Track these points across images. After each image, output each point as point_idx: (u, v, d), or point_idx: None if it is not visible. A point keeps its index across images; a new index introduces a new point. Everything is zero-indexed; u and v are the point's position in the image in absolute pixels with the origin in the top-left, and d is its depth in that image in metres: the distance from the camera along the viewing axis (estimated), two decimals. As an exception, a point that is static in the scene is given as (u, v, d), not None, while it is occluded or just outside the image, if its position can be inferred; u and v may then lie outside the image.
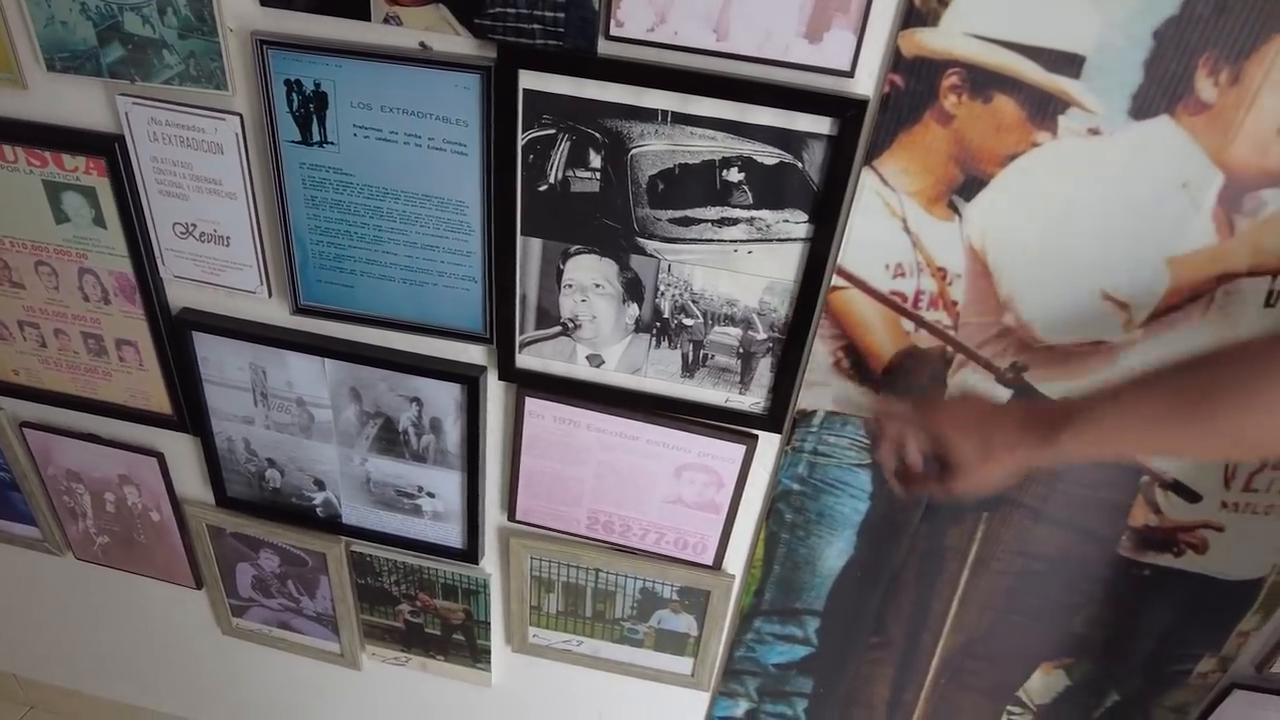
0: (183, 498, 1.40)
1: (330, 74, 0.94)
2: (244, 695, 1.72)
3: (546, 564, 1.27)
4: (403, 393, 1.15)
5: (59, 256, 1.17)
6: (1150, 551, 1.07)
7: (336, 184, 1.01)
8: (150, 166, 1.06)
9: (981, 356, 0.97)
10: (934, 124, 0.85)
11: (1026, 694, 1.25)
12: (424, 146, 0.96)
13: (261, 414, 1.23)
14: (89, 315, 1.22)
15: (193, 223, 1.10)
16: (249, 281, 1.12)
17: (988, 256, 0.91)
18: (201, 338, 1.18)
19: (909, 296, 0.95)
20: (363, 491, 1.27)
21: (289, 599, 1.47)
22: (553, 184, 0.95)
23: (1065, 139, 0.83)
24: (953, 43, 0.81)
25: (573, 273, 1.01)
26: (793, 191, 0.90)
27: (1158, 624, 1.14)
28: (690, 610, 1.27)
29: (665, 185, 0.92)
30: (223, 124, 1.01)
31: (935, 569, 1.15)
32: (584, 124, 0.91)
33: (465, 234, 1.01)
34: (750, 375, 1.03)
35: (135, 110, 1.02)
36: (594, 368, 1.07)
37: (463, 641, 1.42)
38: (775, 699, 1.35)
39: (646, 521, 1.19)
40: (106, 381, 1.29)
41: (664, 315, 1.01)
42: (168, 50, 0.97)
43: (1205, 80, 0.78)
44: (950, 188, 0.88)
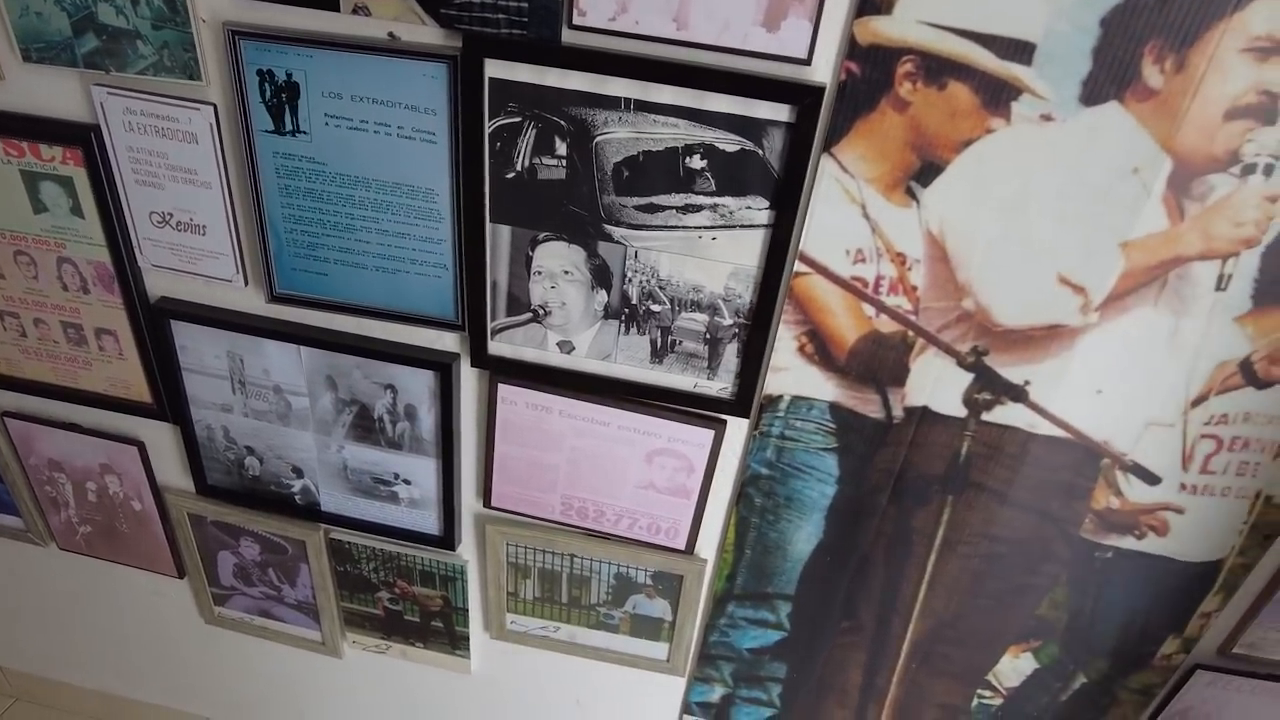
0: (164, 486, 1.41)
1: (301, 64, 0.95)
2: (227, 684, 1.73)
3: (522, 550, 1.29)
4: (377, 380, 1.16)
5: (38, 246, 1.19)
6: (1112, 534, 1.09)
7: (309, 173, 1.02)
8: (126, 156, 1.07)
9: (942, 341, 0.99)
10: (890, 111, 0.87)
11: (996, 677, 1.27)
12: (394, 135, 0.98)
13: (240, 402, 1.25)
14: (68, 305, 1.24)
15: (169, 212, 1.11)
16: (225, 270, 1.14)
17: (946, 242, 0.93)
18: (180, 326, 1.19)
19: (869, 282, 0.97)
20: (340, 479, 1.28)
21: (270, 587, 1.49)
22: (520, 171, 0.97)
23: (1019, 125, 0.85)
24: (907, 30, 0.83)
25: (542, 259, 1.03)
26: (754, 178, 0.92)
27: (1122, 606, 1.15)
28: (664, 595, 1.29)
29: (630, 172, 0.94)
30: (197, 114, 1.02)
31: (903, 552, 1.17)
32: (549, 112, 0.92)
33: (436, 221, 1.03)
34: (718, 361, 1.05)
35: (111, 100, 1.03)
36: (565, 354, 1.09)
37: (441, 629, 1.44)
38: (750, 684, 1.36)
39: (619, 507, 1.20)
40: (87, 371, 1.30)
41: (632, 301, 1.03)
42: (141, 41, 0.98)
43: (1152, 67, 0.80)
44: (907, 174, 0.90)
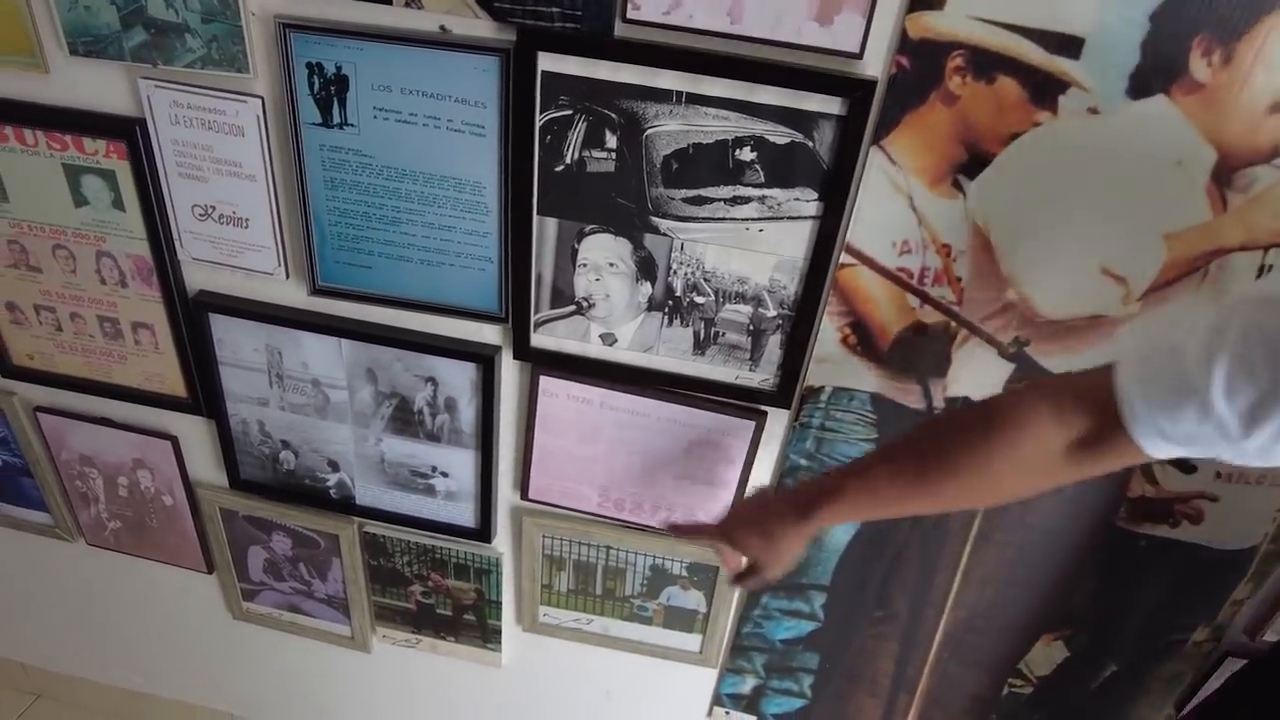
0: (196, 481, 1.42)
1: (352, 57, 0.96)
2: (252, 680, 1.73)
3: (558, 542, 1.30)
4: (418, 373, 1.17)
5: (77, 240, 1.19)
6: (1147, 522, 1.11)
7: (356, 165, 1.03)
8: (171, 149, 1.08)
9: (985, 331, 1.00)
10: (939, 104, 0.88)
11: (1027, 666, 1.28)
12: (442, 128, 0.99)
13: (276, 395, 1.25)
14: (106, 299, 1.24)
15: (212, 205, 1.12)
16: (267, 263, 1.14)
17: (990, 233, 0.95)
18: (218, 320, 1.20)
19: (914, 273, 0.98)
20: (377, 472, 1.29)
21: (300, 582, 1.49)
22: (569, 164, 0.98)
23: (1065, 118, 0.87)
24: (957, 25, 0.84)
25: (587, 252, 1.04)
26: (803, 170, 0.93)
27: (1154, 594, 1.17)
28: (699, 586, 1.30)
29: (679, 165, 0.95)
30: (244, 106, 1.03)
31: (938, 542, 1.18)
32: (600, 105, 0.93)
33: (482, 214, 1.04)
34: (760, 352, 1.06)
35: (157, 94, 1.04)
36: (607, 346, 1.10)
37: (474, 622, 1.45)
38: (782, 675, 1.38)
39: (657, 498, 1.22)
40: (121, 365, 1.31)
41: (676, 294, 1.04)
42: (190, 34, 0.99)
43: (1199, 61, 0.82)
44: (954, 166, 0.92)
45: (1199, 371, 0.63)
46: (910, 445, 0.86)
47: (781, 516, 0.93)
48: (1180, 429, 0.65)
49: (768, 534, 0.94)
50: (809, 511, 0.89)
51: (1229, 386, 0.61)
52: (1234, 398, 0.61)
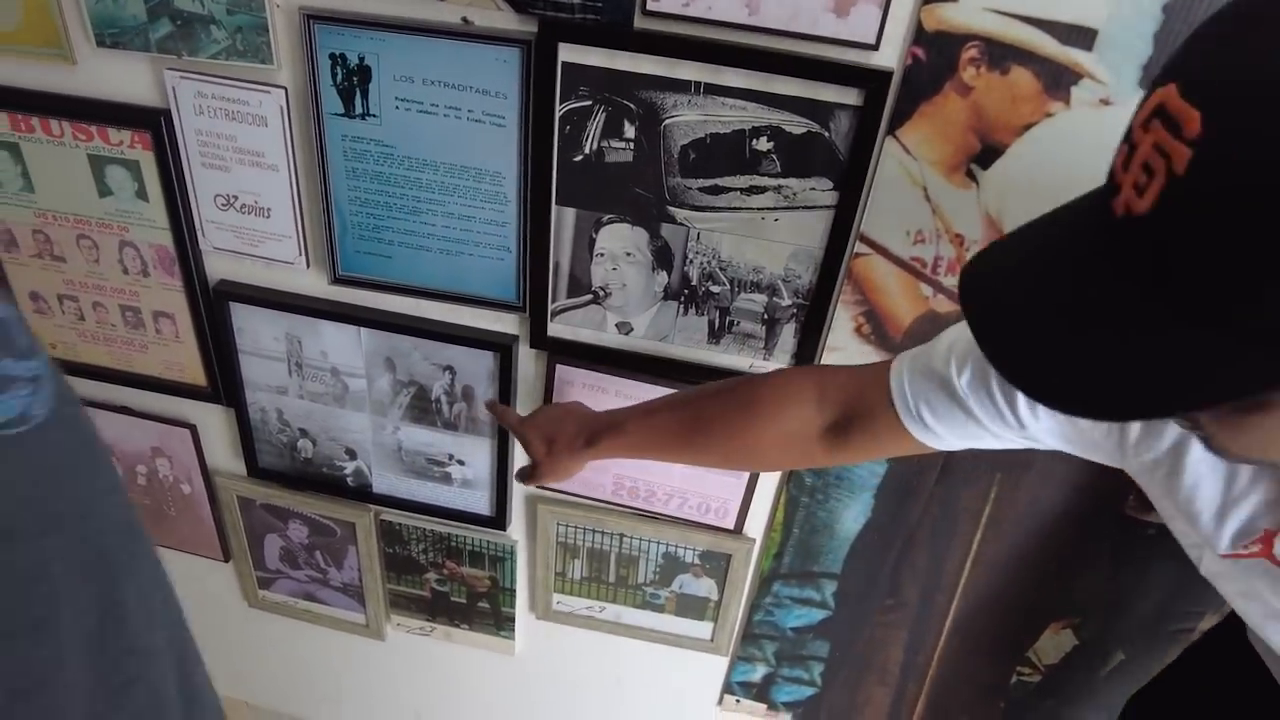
0: (214, 469, 1.44)
1: (375, 47, 0.98)
2: (268, 668, 1.75)
3: (572, 530, 1.32)
4: (436, 361, 1.19)
5: (101, 230, 1.21)
6: (1154, 512, 1.12)
7: (377, 155, 1.05)
8: (195, 139, 1.10)
9: (996, 320, 1.02)
10: (953, 95, 0.90)
11: (1036, 654, 1.30)
12: (463, 119, 1.00)
13: (295, 384, 1.27)
14: (128, 288, 1.26)
15: (234, 194, 1.13)
16: (288, 253, 1.16)
17: (1004, 224, 0.96)
18: (239, 309, 1.22)
19: (928, 262, 1.00)
20: (394, 460, 1.31)
21: (316, 570, 1.51)
22: (588, 154, 0.99)
23: (1078, 109, 0.88)
24: (972, 17, 0.86)
25: (605, 241, 1.05)
26: (819, 160, 0.95)
27: (1161, 583, 1.18)
28: (711, 574, 1.31)
29: (696, 155, 0.97)
30: (268, 97, 1.05)
31: (949, 530, 1.19)
32: (620, 95, 0.95)
33: (501, 204, 1.05)
34: (774, 341, 1.08)
35: (182, 84, 1.06)
36: (623, 335, 1.12)
37: (488, 609, 1.46)
38: (792, 663, 1.39)
39: (670, 486, 1.23)
40: (142, 354, 1.33)
41: (692, 283, 1.06)
42: (215, 25, 1.01)
43: (1212, 51, 0.83)
44: (968, 157, 0.93)
45: (941, 353, 0.74)
46: (692, 401, 0.94)
47: (570, 437, 0.99)
48: (938, 411, 0.75)
49: (553, 447, 1.01)
50: (593, 439, 0.97)
51: (964, 359, 0.72)
52: (964, 372, 0.71)
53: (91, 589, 0.45)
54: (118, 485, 0.51)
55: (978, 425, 0.74)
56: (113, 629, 0.47)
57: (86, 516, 0.45)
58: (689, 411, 0.92)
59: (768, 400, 0.86)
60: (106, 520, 0.47)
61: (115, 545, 0.48)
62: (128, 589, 0.49)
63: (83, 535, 0.44)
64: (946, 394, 0.73)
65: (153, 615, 0.53)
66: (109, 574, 0.47)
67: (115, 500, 0.49)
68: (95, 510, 0.46)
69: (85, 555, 0.44)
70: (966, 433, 0.75)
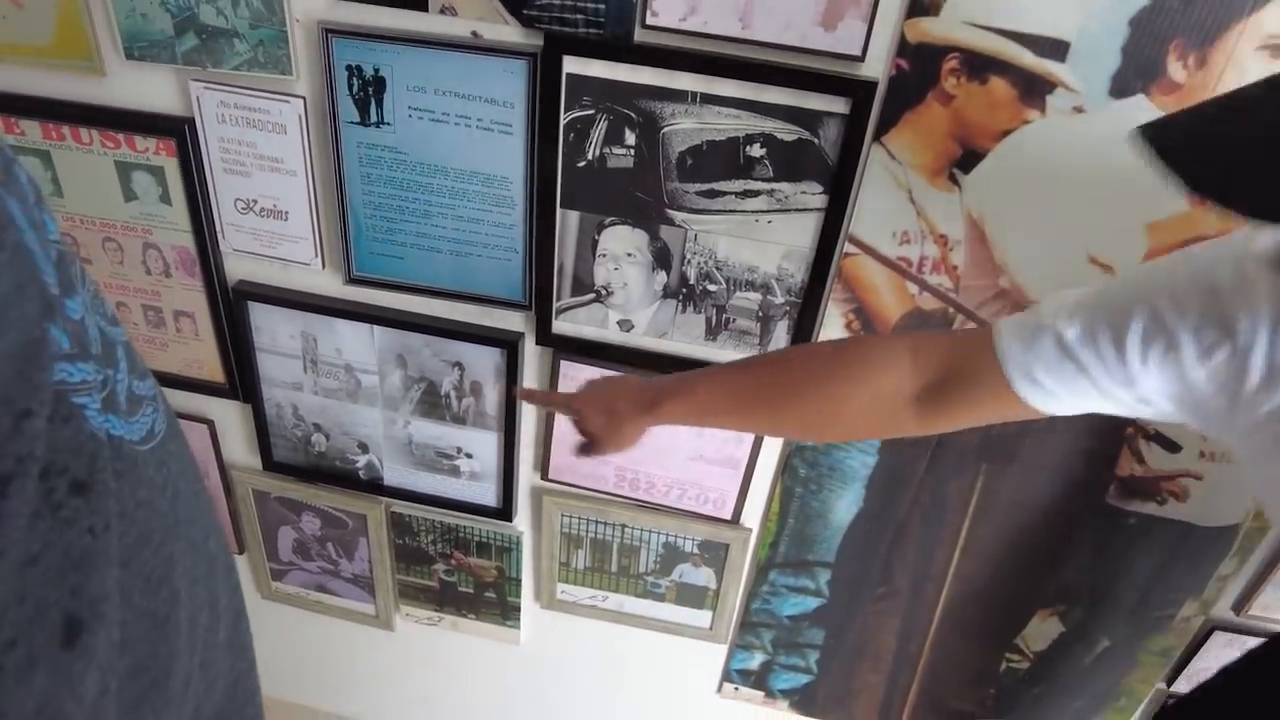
0: (230, 464, 1.49)
1: (389, 60, 1.03)
2: (278, 658, 1.80)
3: (576, 520, 1.37)
4: (446, 358, 1.24)
5: (125, 233, 1.27)
6: (1135, 500, 1.17)
7: (391, 162, 1.10)
8: (217, 146, 1.16)
9: (980, 317, 1.07)
10: (936, 104, 0.95)
11: (1024, 641, 1.34)
12: (473, 127, 1.06)
13: (310, 380, 1.32)
14: (150, 288, 1.32)
15: (254, 198, 1.19)
16: (304, 254, 1.22)
17: (985, 224, 1.01)
18: (257, 308, 1.27)
19: (914, 262, 1.05)
20: (404, 453, 1.36)
21: (328, 561, 1.56)
22: (591, 160, 1.05)
23: (1053, 116, 0.93)
24: (952, 30, 0.91)
25: (607, 243, 1.11)
26: (809, 165, 1.00)
27: (1144, 570, 1.23)
28: (710, 564, 1.36)
29: (693, 160, 1.02)
30: (287, 106, 1.10)
31: (938, 519, 1.24)
32: (621, 105, 1.00)
33: (509, 208, 1.11)
34: (769, 337, 1.13)
35: (206, 94, 1.12)
36: (624, 332, 1.17)
37: (494, 599, 1.51)
38: (789, 650, 1.44)
39: (670, 478, 1.28)
40: (163, 352, 1.38)
41: (690, 282, 1.11)
42: (238, 39, 1.06)
43: (1176, 63, 0.88)
44: (950, 161, 0.98)
45: (1047, 311, 0.72)
46: (771, 362, 0.92)
47: (630, 403, 0.95)
48: (1051, 367, 0.71)
49: (614, 417, 0.96)
50: (656, 405, 0.92)
51: (1072, 315, 0.70)
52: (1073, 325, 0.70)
53: (201, 588, 0.49)
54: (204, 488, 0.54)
55: (1089, 380, 0.70)
56: (211, 626, 0.51)
57: (195, 523, 0.48)
58: (768, 373, 0.89)
59: (858, 362, 0.82)
60: (209, 527, 0.51)
61: (216, 549, 0.52)
62: (223, 590, 0.53)
63: (192, 540, 0.48)
64: (1058, 349, 0.70)
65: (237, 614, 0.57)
66: (212, 570, 0.51)
67: (210, 508, 0.53)
68: (200, 518, 0.50)
69: (197, 558, 0.48)
70: (1078, 388, 0.71)
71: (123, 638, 0.40)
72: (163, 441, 0.45)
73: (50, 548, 0.34)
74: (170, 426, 0.47)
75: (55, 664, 0.35)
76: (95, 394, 0.38)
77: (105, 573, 0.37)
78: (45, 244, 0.34)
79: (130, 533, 0.41)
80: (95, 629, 0.36)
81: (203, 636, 0.49)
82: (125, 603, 0.41)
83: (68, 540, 0.35)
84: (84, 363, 0.37)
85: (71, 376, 0.36)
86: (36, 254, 0.34)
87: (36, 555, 0.33)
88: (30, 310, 0.33)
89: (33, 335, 0.33)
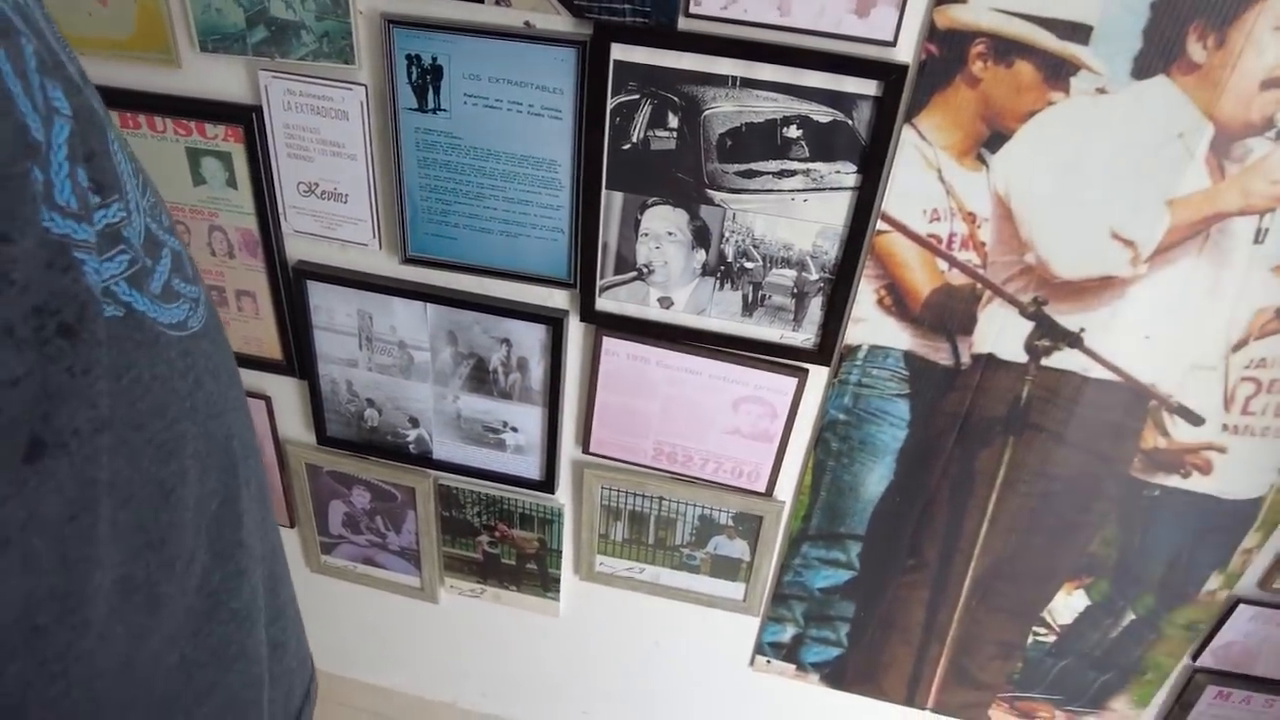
0: (285, 438, 1.56)
1: (446, 49, 1.10)
2: (325, 630, 1.87)
3: (615, 493, 1.42)
4: (495, 334, 1.31)
5: (193, 216, 1.35)
6: (1159, 473, 1.21)
7: (446, 146, 1.17)
8: (282, 132, 1.23)
9: (1006, 292, 1.11)
10: (964, 86, 1.00)
11: (1050, 614, 1.38)
12: (524, 112, 1.12)
13: (365, 357, 1.39)
14: (214, 269, 1.39)
15: (315, 182, 1.26)
16: (362, 235, 1.29)
17: (1011, 202, 1.06)
18: (315, 287, 1.34)
19: (943, 239, 1.10)
20: (453, 427, 1.43)
21: (376, 535, 1.63)
22: (635, 143, 1.11)
23: (1076, 97, 0.98)
24: (979, 16, 0.96)
25: (649, 222, 1.16)
26: (843, 146, 1.05)
27: (1168, 543, 1.27)
28: (744, 536, 1.41)
29: (732, 142, 1.08)
30: (349, 94, 1.18)
31: (966, 492, 1.29)
32: (664, 89, 1.06)
33: (556, 190, 1.17)
34: (803, 313, 1.18)
35: (274, 83, 1.19)
36: (664, 309, 1.23)
37: (535, 571, 1.57)
38: (820, 623, 1.48)
39: (706, 451, 1.34)
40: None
41: (728, 260, 1.17)
42: (305, 31, 1.14)
43: (1195, 44, 0.93)
44: (978, 142, 1.03)
45: None
46: None
47: None
48: None
49: None
50: None
51: None
52: None
53: (214, 478, 0.53)
54: (244, 405, 0.59)
55: None
56: (229, 519, 0.55)
57: (217, 416, 0.53)
58: None
59: None
60: (234, 425, 0.55)
61: (237, 448, 0.56)
62: (244, 490, 0.57)
63: (210, 431, 0.52)
64: None
65: (262, 523, 0.61)
66: (232, 469, 0.55)
67: (242, 413, 0.58)
68: (225, 412, 0.54)
69: (212, 447, 0.53)
70: None
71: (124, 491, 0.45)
72: (195, 336, 0.50)
73: (30, 375, 0.38)
74: (209, 331, 0.52)
75: (16, 474, 0.38)
76: (102, 263, 0.42)
77: (78, 412, 0.41)
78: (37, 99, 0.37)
79: (143, 398, 0.45)
80: (59, 455, 0.40)
81: (211, 523, 0.53)
82: (132, 462, 0.45)
83: (47, 373, 0.39)
84: (86, 224, 0.40)
85: (71, 233, 0.39)
86: (18, 97, 0.36)
87: (18, 379, 0.37)
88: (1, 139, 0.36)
89: (10, 169, 0.36)
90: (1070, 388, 1.16)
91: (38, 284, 0.38)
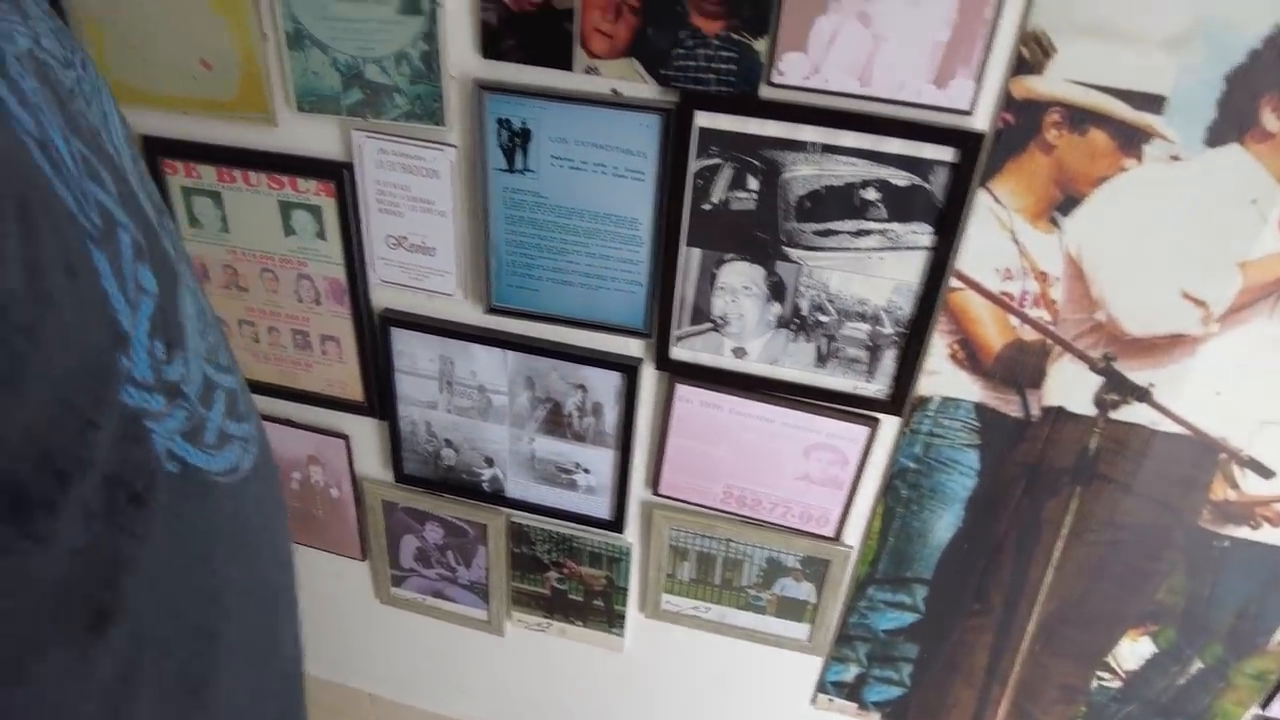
0: (362, 476, 1.62)
1: (535, 114, 1.16)
2: (392, 661, 1.92)
3: (683, 534, 1.46)
4: (571, 380, 1.35)
5: (282, 265, 1.41)
6: (1229, 524, 1.22)
7: (533, 204, 1.22)
8: (373, 188, 1.29)
9: (1077, 348, 1.14)
10: (1038, 153, 1.04)
11: (1115, 659, 1.39)
12: (608, 174, 1.17)
13: (445, 400, 1.45)
14: (300, 315, 1.46)
15: (404, 235, 1.32)
16: (448, 286, 1.34)
17: (1083, 263, 1.09)
18: (399, 333, 1.40)
19: (1016, 296, 1.13)
20: (527, 468, 1.48)
21: (447, 569, 1.68)
22: (715, 204, 1.15)
23: (1149, 164, 1.01)
24: (1054, 87, 1.00)
25: (725, 277, 1.21)
26: (920, 208, 1.09)
27: (1237, 593, 1.28)
28: (810, 579, 1.44)
29: (811, 203, 1.12)
30: (440, 154, 1.23)
31: (1033, 540, 1.31)
32: (746, 154, 1.11)
33: (636, 246, 1.22)
34: (876, 365, 1.22)
35: (367, 143, 1.25)
36: (738, 359, 1.27)
37: (601, 607, 1.61)
38: (883, 664, 1.51)
39: (776, 496, 1.37)
40: (307, 372, 1.52)
41: (802, 313, 1.21)
42: (399, 93, 1.20)
43: (1270, 114, 0.96)
44: (1051, 205, 1.06)
45: None
46: None
47: None
48: None
49: None
50: None
51: None
52: None
53: (259, 617, 0.55)
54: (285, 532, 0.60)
55: None
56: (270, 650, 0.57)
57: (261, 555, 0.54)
58: None
59: None
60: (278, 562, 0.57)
61: (280, 584, 0.58)
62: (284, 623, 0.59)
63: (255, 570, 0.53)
64: None
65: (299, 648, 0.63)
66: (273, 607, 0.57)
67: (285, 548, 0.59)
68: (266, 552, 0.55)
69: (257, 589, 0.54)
70: None
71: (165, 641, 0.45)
72: (245, 479, 0.50)
73: (97, 544, 0.38)
74: (260, 468, 0.53)
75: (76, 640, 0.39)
76: (164, 423, 0.42)
77: (139, 576, 0.41)
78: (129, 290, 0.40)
79: (191, 548, 0.46)
80: (120, 621, 0.40)
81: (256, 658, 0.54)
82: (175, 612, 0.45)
83: (116, 542, 0.40)
84: (159, 395, 0.42)
85: (144, 405, 0.40)
86: (112, 295, 0.39)
87: (84, 548, 0.37)
88: (96, 338, 0.37)
89: (101, 360, 0.37)
90: (1139, 440, 1.18)
91: (111, 457, 0.39)
